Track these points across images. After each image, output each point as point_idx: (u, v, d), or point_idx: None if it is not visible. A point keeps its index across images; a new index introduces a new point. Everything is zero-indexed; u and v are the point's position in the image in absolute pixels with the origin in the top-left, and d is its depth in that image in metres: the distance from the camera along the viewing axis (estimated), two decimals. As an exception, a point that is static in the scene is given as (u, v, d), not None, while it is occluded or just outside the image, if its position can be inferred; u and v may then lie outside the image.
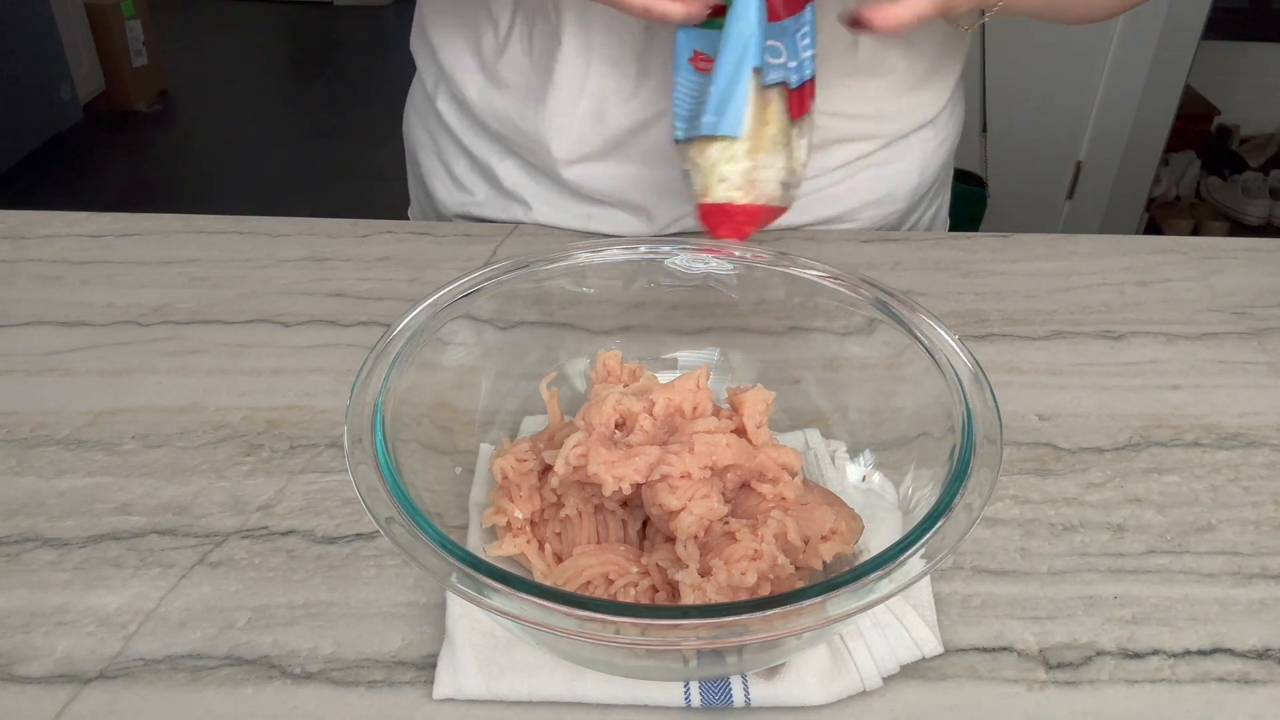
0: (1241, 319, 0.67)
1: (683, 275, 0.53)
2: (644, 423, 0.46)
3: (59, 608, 0.45)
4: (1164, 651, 0.44)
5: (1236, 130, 2.64)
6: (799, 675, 0.41)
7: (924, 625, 0.44)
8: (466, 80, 0.75)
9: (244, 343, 0.63)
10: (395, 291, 0.68)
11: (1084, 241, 0.76)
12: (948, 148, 0.81)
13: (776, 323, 0.54)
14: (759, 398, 0.47)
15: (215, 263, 0.71)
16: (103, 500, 0.51)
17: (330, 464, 0.54)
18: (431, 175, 0.82)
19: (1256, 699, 0.42)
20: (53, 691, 0.42)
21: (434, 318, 0.47)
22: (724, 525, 0.43)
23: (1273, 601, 0.47)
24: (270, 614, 0.45)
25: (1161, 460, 0.55)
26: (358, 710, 0.41)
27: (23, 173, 2.75)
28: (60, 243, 0.73)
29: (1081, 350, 0.64)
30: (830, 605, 0.34)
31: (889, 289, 0.49)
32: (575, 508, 0.45)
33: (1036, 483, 0.53)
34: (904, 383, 0.48)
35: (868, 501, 0.47)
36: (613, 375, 0.51)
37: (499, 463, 0.46)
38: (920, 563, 0.36)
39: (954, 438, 0.42)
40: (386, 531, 0.36)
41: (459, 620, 0.43)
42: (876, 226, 0.79)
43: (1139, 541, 0.50)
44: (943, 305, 0.68)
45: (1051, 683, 0.43)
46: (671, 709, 0.41)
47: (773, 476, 0.45)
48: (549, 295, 0.52)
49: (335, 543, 0.49)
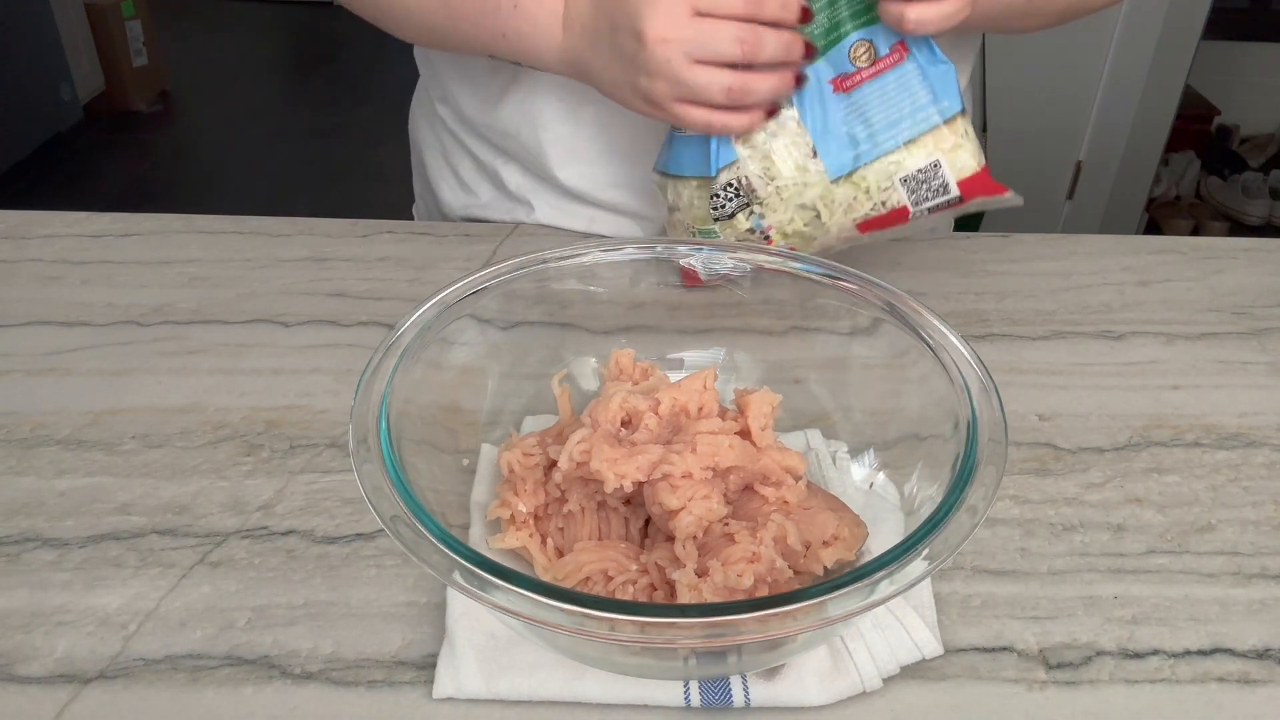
0: (1241, 319, 0.67)
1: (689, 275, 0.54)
2: (649, 421, 0.46)
3: (59, 608, 0.45)
4: (1164, 651, 0.44)
5: (1236, 130, 2.64)
6: (799, 676, 0.41)
7: (924, 626, 0.44)
8: (463, 96, 0.75)
9: (244, 343, 0.63)
10: (396, 291, 0.68)
11: (1084, 241, 0.76)
12: None
13: (781, 322, 0.54)
14: (765, 400, 0.47)
15: (215, 263, 0.71)
16: (103, 500, 0.51)
17: (330, 464, 0.54)
18: (438, 176, 0.82)
19: (1256, 699, 0.42)
20: (53, 691, 0.42)
21: (439, 317, 0.47)
22: (724, 527, 0.43)
23: (1273, 601, 0.47)
24: (270, 614, 0.45)
25: (1161, 460, 0.55)
26: (358, 710, 0.41)
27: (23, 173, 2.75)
28: (60, 243, 0.73)
29: (1081, 350, 0.64)
30: (830, 606, 0.34)
31: (894, 289, 0.49)
32: (578, 503, 0.45)
33: (1036, 483, 0.53)
34: (908, 383, 0.48)
35: (869, 502, 0.47)
36: (624, 373, 0.51)
37: (506, 456, 0.47)
38: (922, 565, 0.35)
39: (958, 438, 0.42)
40: (391, 530, 0.36)
41: (459, 619, 0.43)
42: None
43: (1139, 541, 0.50)
44: (943, 305, 0.68)
45: (1051, 683, 0.43)
46: (671, 709, 0.41)
47: (776, 480, 0.45)
48: (553, 295, 0.52)
49: (335, 543, 0.49)
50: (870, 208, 0.60)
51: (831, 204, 0.60)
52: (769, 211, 0.60)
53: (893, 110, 0.59)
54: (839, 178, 0.59)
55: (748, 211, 0.60)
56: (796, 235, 0.61)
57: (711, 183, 0.60)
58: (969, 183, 0.60)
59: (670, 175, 0.63)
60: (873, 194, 0.60)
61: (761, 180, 0.59)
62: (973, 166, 0.60)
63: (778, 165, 0.59)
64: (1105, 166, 2.03)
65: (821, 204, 0.60)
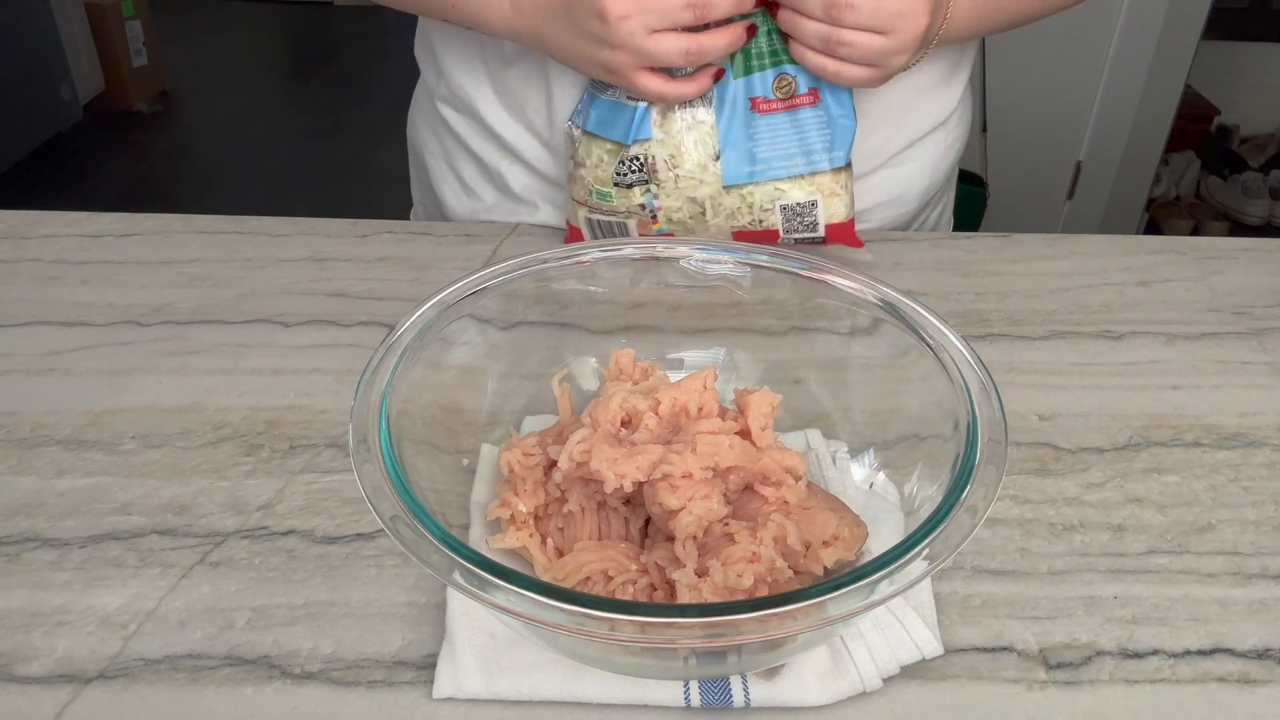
0: (1241, 319, 0.67)
1: (690, 275, 0.54)
2: (649, 421, 0.46)
3: (59, 608, 0.45)
4: (1164, 651, 0.44)
5: (1236, 130, 2.64)
6: (799, 676, 0.41)
7: (924, 626, 0.44)
8: (473, 89, 0.75)
9: (244, 343, 0.63)
10: (395, 291, 0.68)
11: (1084, 241, 0.76)
12: (957, 149, 0.81)
13: (781, 322, 0.54)
14: (765, 400, 0.47)
15: (215, 263, 0.71)
16: (103, 500, 0.51)
17: (330, 464, 0.54)
18: (440, 181, 0.82)
19: (1256, 699, 0.42)
20: (53, 691, 0.42)
21: (439, 317, 0.47)
22: (724, 527, 0.43)
23: (1273, 601, 0.47)
24: (270, 614, 0.45)
25: (1161, 460, 0.55)
26: (358, 710, 0.41)
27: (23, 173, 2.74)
28: (60, 243, 0.73)
29: (1081, 350, 0.64)
30: (830, 606, 0.34)
31: (894, 289, 0.49)
32: (578, 503, 0.45)
33: (1036, 483, 0.53)
34: (908, 383, 0.48)
35: (869, 502, 0.47)
36: (624, 373, 0.51)
37: (506, 456, 0.47)
38: (922, 565, 0.35)
39: (958, 438, 0.42)
40: (391, 530, 0.36)
41: (459, 619, 0.43)
42: (886, 228, 0.79)
43: (1139, 541, 0.50)
44: (943, 305, 0.68)
45: (1051, 683, 0.43)
46: (671, 709, 0.41)
47: (776, 480, 0.45)
48: (553, 295, 0.52)
49: (335, 543, 0.49)
50: (749, 221, 0.67)
51: (718, 207, 0.67)
52: (663, 194, 0.66)
53: (792, 144, 0.65)
54: (731, 186, 0.66)
55: (645, 188, 0.66)
56: (679, 224, 0.68)
57: (623, 150, 0.65)
58: (835, 229, 0.68)
59: (587, 133, 0.67)
60: (754, 210, 0.67)
61: (666, 165, 0.65)
62: (842, 215, 0.67)
63: (683, 156, 0.65)
64: (1105, 166, 2.03)
65: (710, 203, 0.66)
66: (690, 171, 0.65)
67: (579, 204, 0.69)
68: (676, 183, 0.65)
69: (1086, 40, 1.88)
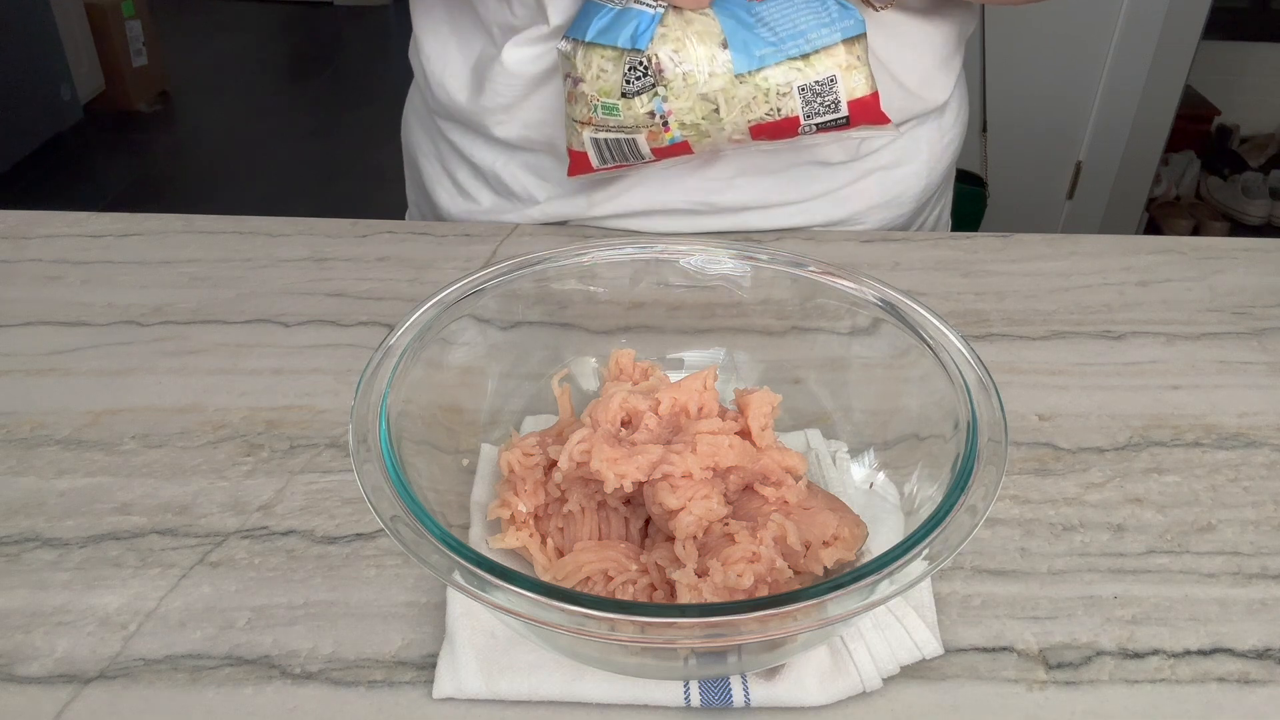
0: (1241, 319, 0.67)
1: (690, 275, 0.54)
2: (649, 421, 0.46)
3: (59, 608, 0.45)
4: (1164, 651, 0.44)
5: (1236, 130, 2.64)
6: (799, 676, 0.41)
7: (924, 626, 0.44)
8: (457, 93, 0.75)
9: (244, 343, 0.63)
10: (395, 291, 0.68)
11: (1084, 241, 0.76)
12: (954, 150, 0.81)
13: (780, 322, 0.54)
14: (765, 400, 0.47)
15: (215, 263, 0.71)
16: (103, 500, 0.51)
17: (330, 464, 0.54)
18: (434, 183, 0.82)
19: (1256, 699, 0.42)
20: (53, 691, 0.42)
21: (439, 317, 0.47)
22: (724, 527, 0.43)
23: (1273, 601, 0.47)
24: (270, 614, 0.45)
25: (1161, 460, 0.55)
26: (358, 710, 0.41)
27: (23, 173, 2.75)
28: (60, 243, 0.73)
29: (1081, 350, 0.64)
30: (830, 606, 0.34)
31: (894, 289, 0.49)
32: (578, 503, 0.45)
33: (1036, 483, 0.53)
34: (908, 383, 0.48)
35: (869, 502, 0.47)
36: (624, 373, 0.51)
37: (506, 456, 0.47)
38: (922, 565, 0.35)
39: (958, 438, 0.42)
40: (391, 530, 0.36)
41: (459, 619, 0.43)
42: (884, 229, 0.79)
43: (1139, 541, 0.50)
44: (943, 305, 0.68)
45: (1051, 683, 0.43)
46: (671, 709, 0.41)
47: (776, 479, 0.45)
48: (553, 295, 0.52)
49: (335, 543, 0.49)
50: (766, 111, 0.64)
51: (732, 100, 0.64)
52: (672, 96, 0.63)
53: (800, 20, 0.62)
54: (743, 74, 0.63)
55: (652, 93, 0.63)
56: (693, 127, 0.65)
57: (629, 55, 0.62)
58: (859, 105, 0.64)
59: (585, 43, 0.64)
60: (770, 97, 0.63)
61: (671, 62, 0.62)
62: (864, 89, 0.64)
63: (689, 50, 0.62)
64: (1105, 166, 2.03)
65: (723, 97, 0.63)
66: (699, 65, 0.62)
67: (582, 125, 0.66)
68: (685, 80, 0.63)
69: (1086, 40, 1.88)
